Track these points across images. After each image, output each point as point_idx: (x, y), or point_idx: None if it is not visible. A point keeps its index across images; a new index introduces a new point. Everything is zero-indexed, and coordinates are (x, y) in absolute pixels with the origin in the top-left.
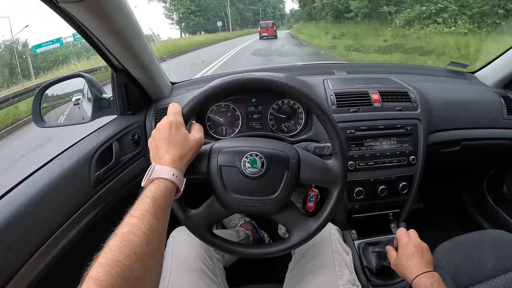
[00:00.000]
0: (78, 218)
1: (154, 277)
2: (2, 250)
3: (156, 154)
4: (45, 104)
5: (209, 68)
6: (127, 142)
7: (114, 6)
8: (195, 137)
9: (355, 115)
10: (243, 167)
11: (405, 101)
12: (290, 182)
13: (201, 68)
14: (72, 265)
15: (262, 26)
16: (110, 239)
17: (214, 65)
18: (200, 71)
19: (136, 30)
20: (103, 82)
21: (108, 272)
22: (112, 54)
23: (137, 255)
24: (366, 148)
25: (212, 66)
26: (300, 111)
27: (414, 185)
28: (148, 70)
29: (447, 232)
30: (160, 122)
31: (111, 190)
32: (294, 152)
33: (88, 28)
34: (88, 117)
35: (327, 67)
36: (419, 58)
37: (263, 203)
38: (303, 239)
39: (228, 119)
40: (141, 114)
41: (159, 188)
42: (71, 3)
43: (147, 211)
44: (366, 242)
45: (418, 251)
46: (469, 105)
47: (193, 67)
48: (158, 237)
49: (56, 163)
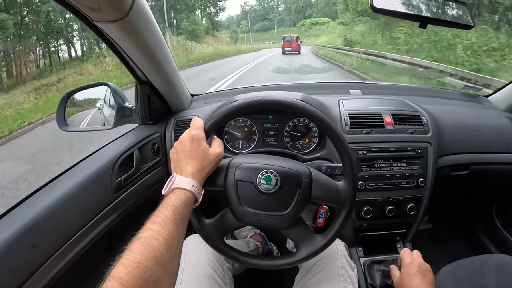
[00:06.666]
0: (98, 221)
1: (171, 280)
2: (27, 247)
3: (177, 165)
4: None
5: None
6: (147, 151)
7: (146, 26)
8: (215, 152)
9: (368, 137)
10: (259, 183)
11: (416, 124)
12: (302, 199)
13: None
14: (90, 264)
15: (286, 40)
16: (132, 242)
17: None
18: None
19: (162, 45)
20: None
21: (130, 272)
22: (138, 67)
23: (157, 259)
24: (377, 169)
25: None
26: (315, 130)
27: (422, 207)
28: (170, 83)
29: (453, 254)
30: (183, 135)
31: (130, 197)
32: (307, 171)
33: (119, 44)
34: (110, 124)
35: (342, 86)
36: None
37: (274, 218)
38: (310, 254)
39: (245, 134)
40: (161, 125)
41: (179, 198)
42: (105, 23)
43: (167, 218)
44: (371, 260)
45: (420, 271)
46: (480, 129)
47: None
48: (176, 243)
49: (81, 167)
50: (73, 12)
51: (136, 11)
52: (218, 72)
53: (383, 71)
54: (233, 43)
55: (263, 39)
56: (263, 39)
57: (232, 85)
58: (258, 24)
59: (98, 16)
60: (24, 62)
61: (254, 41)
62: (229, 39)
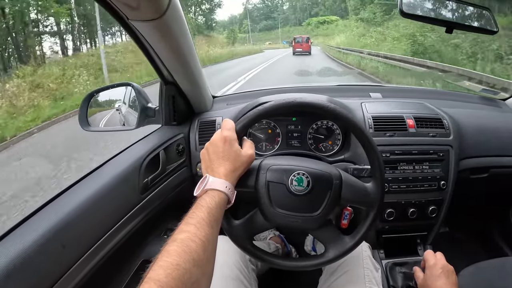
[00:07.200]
0: (126, 222)
1: (208, 282)
2: (57, 248)
3: (209, 166)
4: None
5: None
6: (172, 152)
7: (179, 27)
8: (247, 153)
9: (391, 139)
10: (290, 185)
11: (438, 127)
12: (332, 201)
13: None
14: (117, 265)
15: (297, 41)
16: (168, 244)
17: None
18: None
19: (191, 46)
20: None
21: (168, 274)
22: (165, 68)
23: (195, 261)
24: (400, 171)
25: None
26: (338, 132)
27: (443, 210)
28: (196, 84)
29: (470, 256)
30: (214, 136)
31: (156, 197)
32: (337, 173)
33: (150, 43)
34: (133, 125)
35: (362, 89)
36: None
37: (305, 220)
38: (338, 255)
39: (269, 136)
40: (185, 126)
41: (213, 199)
42: (141, 21)
43: (203, 220)
44: (393, 262)
45: (444, 273)
46: (499, 132)
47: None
48: (212, 245)
49: (108, 168)
50: (109, 10)
51: (172, 11)
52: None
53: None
54: (231, 44)
55: (266, 39)
56: (267, 39)
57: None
58: (262, 24)
59: (134, 14)
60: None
61: (257, 41)
62: (226, 40)
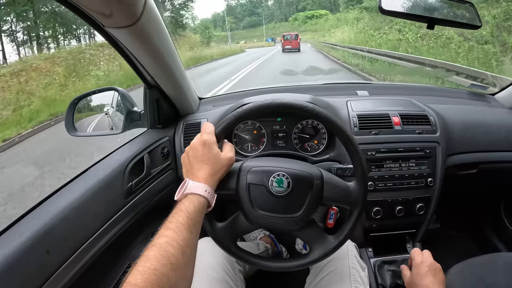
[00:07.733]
0: (110, 226)
1: (187, 285)
2: (42, 253)
3: (189, 170)
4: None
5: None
6: (157, 155)
7: (156, 31)
8: (227, 156)
9: (376, 137)
10: (271, 186)
11: (424, 124)
12: (313, 201)
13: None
14: (102, 269)
15: (286, 38)
16: (147, 249)
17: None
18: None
19: (171, 49)
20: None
21: (146, 279)
22: (147, 72)
23: (173, 265)
24: (386, 169)
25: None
26: (323, 132)
27: (431, 207)
28: (179, 87)
29: (462, 252)
30: (194, 140)
31: (141, 201)
32: (318, 173)
33: (129, 50)
34: (119, 129)
35: (349, 87)
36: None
37: (286, 221)
38: (323, 255)
39: (254, 137)
40: (170, 129)
41: (193, 203)
42: (116, 28)
43: (181, 224)
44: (381, 260)
45: (431, 271)
46: (488, 127)
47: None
48: (191, 249)
49: (92, 172)
50: (84, 18)
51: (147, 16)
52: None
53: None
54: (205, 45)
55: (251, 37)
56: (251, 37)
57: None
58: (245, 20)
59: (109, 22)
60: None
61: (240, 39)
62: (200, 40)
